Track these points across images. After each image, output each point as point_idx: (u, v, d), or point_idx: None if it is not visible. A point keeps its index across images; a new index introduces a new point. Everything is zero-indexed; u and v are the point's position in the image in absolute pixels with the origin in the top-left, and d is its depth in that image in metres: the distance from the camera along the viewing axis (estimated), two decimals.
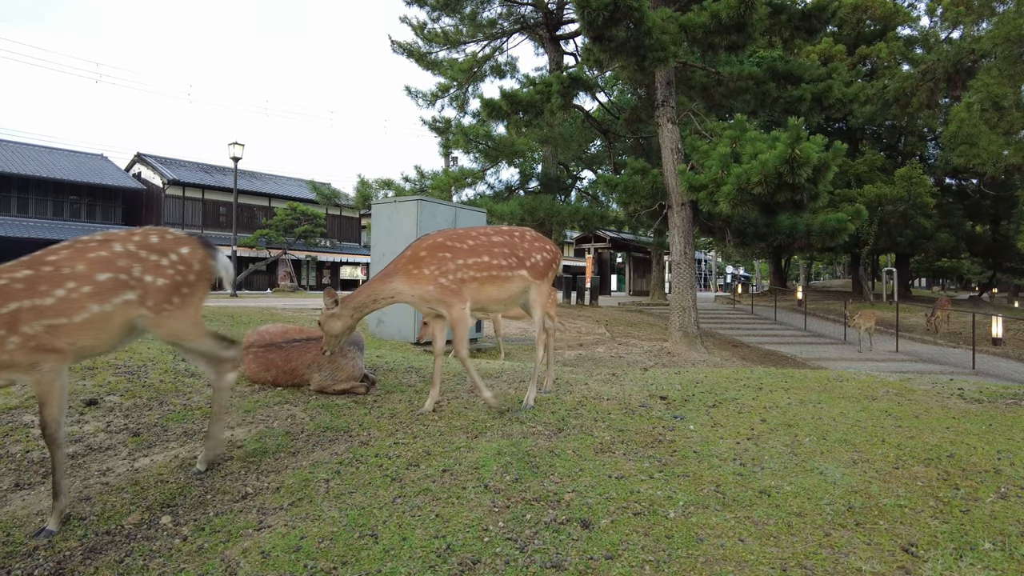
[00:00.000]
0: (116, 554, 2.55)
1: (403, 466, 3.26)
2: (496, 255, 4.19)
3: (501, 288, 4.21)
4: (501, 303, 4.33)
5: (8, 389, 4.13)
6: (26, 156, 36.67)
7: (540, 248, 4.44)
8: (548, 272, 4.45)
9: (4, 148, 36.91)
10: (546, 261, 4.44)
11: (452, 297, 4.01)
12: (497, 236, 4.31)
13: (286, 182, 45.46)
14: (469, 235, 4.23)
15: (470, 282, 4.07)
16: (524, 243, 4.38)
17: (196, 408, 4.12)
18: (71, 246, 2.94)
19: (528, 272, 4.31)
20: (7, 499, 2.98)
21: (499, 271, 4.17)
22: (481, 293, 4.14)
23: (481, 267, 4.10)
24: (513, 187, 21.01)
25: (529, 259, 4.33)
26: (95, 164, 39.04)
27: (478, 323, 10.17)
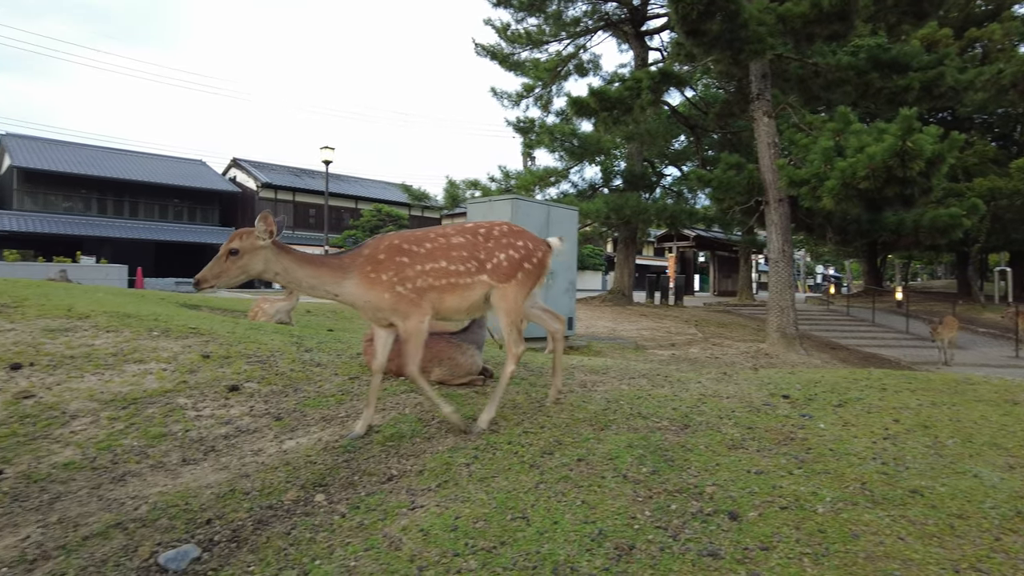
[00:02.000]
0: (282, 526, 2.72)
1: (537, 454, 3.31)
2: (454, 259, 3.64)
3: (462, 297, 3.68)
4: (463, 312, 3.81)
5: (161, 373, 4.47)
6: (136, 163, 39.45)
7: (508, 245, 3.78)
8: (516, 273, 3.74)
9: (117, 156, 39.84)
10: (513, 261, 3.74)
11: (410, 307, 3.54)
12: (459, 236, 3.75)
13: (370, 184, 46.97)
14: (427, 237, 3.71)
15: (429, 291, 3.58)
16: (489, 242, 3.77)
17: (329, 395, 4.32)
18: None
19: (489, 276, 3.70)
20: (178, 472, 3.23)
21: (458, 278, 3.64)
22: (441, 303, 3.65)
23: (439, 274, 3.60)
24: (596, 185, 20.89)
25: (491, 260, 3.72)
26: (195, 169, 41.60)
27: (570, 320, 10.18)
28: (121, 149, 41.46)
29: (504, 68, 22.07)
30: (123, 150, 41.51)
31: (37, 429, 3.62)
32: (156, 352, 4.88)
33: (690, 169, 20.84)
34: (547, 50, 21.97)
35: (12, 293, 6.18)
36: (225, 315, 7.83)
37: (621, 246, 20.72)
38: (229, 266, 3.37)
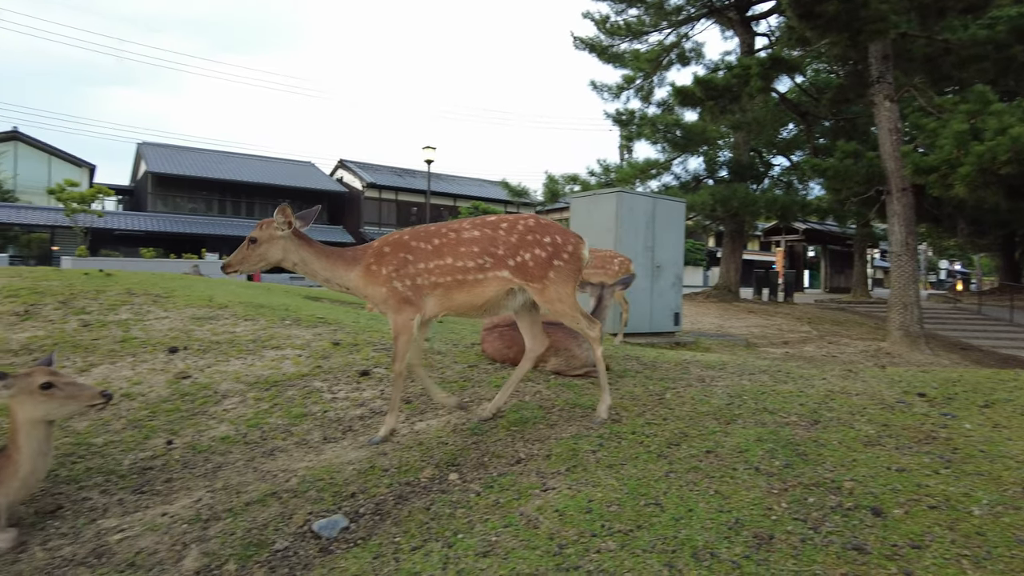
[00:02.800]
0: (422, 502, 2.87)
1: (664, 444, 3.30)
2: (463, 255, 3.52)
3: (473, 293, 3.54)
4: (479, 309, 3.64)
5: (296, 359, 4.79)
6: (252, 166, 42.15)
7: (534, 243, 3.55)
8: (547, 272, 3.53)
9: (235, 160, 42.72)
10: (540, 260, 3.53)
11: (402, 304, 3.51)
12: (473, 231, 3.59)
13: (468, 182, 47.88)
14: (439, 232, 3.62)
15: (431, 288, 3.52)
16: (512, 236, 3.56)
17: (451, 381, 4.49)
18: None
19: (512, 273, 3.51)
20: (321, 449, 3.47)
21: (465, 274, 3.51)
22: (449, 300, 3.56)
23: (444, 271, 3.51)
24: (701, 177, 20.32)
25: (514, 256, 3.52)
26: (305, 171, 43.94)
27: (676, 316, 10.00)
28: (238, 153, 44.50)
29: (602, 60, 21.88)
30: (240, 154, 44.53)
31: (195, 406, 3.99)
32: (290, 339, 5.23)
33: (802, 158, 19.83)
34: (647, 40, 21.59)
35: (162, 285, 6.81)
36: (345, 307, 8.27)
37: (727, 240, 20.07)
38: (250, 253, 3.53)
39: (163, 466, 3.31)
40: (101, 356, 4.60)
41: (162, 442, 3.54)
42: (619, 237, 9.00)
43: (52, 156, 39.37)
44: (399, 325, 3.53)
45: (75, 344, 4.74)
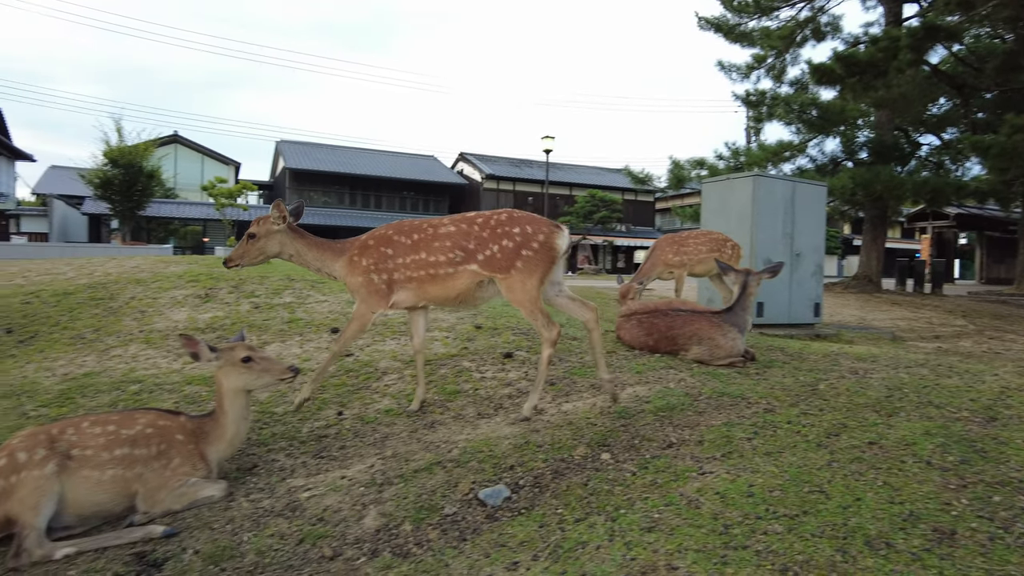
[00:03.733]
0: (578, 478, 2.99)
1: (823, 435, 3.22)
2: (436, 250, 3.69)
3: (445, 287, 3.70)
4: (452, 301, 3.80)
5: (444, 340, 5.08)
6: (378, 161, 44.23)
7: (503, 235, 3.65)
8: (514, 262, 3.60)
9: (363, 155, 44.99)
10: (507, 251, 3.61)
11: (371, 295, 3.72)
12: (449, 226, 3.76)
13: (584, 171, 47.66)
14: (419, 228, 3.80)
15: (406, 283, 3.72)
16: (484, 231, 3.69)
17: (591, 367, 4.58)
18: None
19: (480, 266, 3.64)
20: (476, 424, 3.69)
21: (437, 268, 3.68)
22: (424, 293, 3.75)
23: (419, 265, 3.70)
24: (839, 159, 19.02)
25: (484, 250, 3.64)
26: (427, 164, 45.56)
27: (816, 306, 9.50)
28: (367, 148, 46.89)
29: (729, 40, 20.97)
30: (369, 149, 46.91)
31: (360, 381, 4.34)
32: (436, 322, 5.53)
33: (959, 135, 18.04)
34: (777, 17, 20.43)
35: None
36: None
37: (867, 227, 18.68)
38: (249, 248, 3.81)
39: (336, 434, 3.65)
40: (273, 335, 5.10)
41: (333, 413, 3.90)
42: (755, 223, 8.67)
43: (205, 156, 43.40)
44: (359, 313, 3.76)
45: (250, 324, 5.28)
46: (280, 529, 2.78)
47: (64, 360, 4.61)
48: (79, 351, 4.78)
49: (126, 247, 25.61)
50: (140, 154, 31.47)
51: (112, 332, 5.13)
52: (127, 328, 5.20)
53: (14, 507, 2.62)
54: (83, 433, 2.84)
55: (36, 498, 2.63)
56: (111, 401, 3.98)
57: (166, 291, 6.09)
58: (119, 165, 30.81)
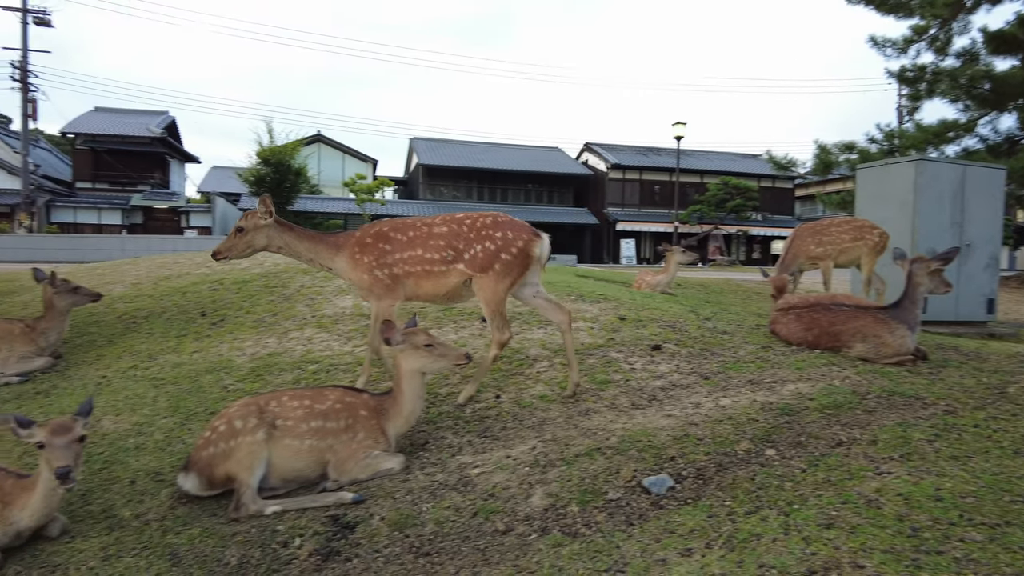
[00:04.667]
0: (744, 472, 2.97)
1: (1019, 441, 2.98)
2: (431, 248, 3.88)
3: (437, 283, 3.92)
4: (442, 298, 4.07)
5: (590, 331, 5.16)
6: (504, 154, 44.95)
7: (486, 237, 3.86)
8: (493, 264, 3.81)
9: (490, 149, 45.89)
10: (488, 252, 3.82)
11: (382, 290, 3.90)
12: (442, 226, 3.95)
13: (716, 157, 45.85)
14: (413, 225, 3.99)
15: (405, 277, 3.90)
16: (471, 232, 3.89)
17: (747, 361, 4.48)
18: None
19: (465, 265, 3.86)
20: (631, 414, 3.74)
21: (432, 265, 3.88)
22: (419, 288, 3.96)
23: (416, 261, 3.88)
24: (1016, 137, 16.97)
25: (469, 251, 3.86)
26: (551, 156, 45.74)
27: (990, 302, 8.62)
28: (494, 142, 47.85)
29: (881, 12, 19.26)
30: (495, 143, 47.85)
31: (513, 367, 4.52)
32: (580, 313, 5.63)
33: None
34: None
35: None
36: (617, 285, 8.60)
37: None
38: (237, 241, 3.91)
39: (497, 416, 3.84)
40: (429, 322, 5.41)
41: (492, 396, 4.09)
42: (917, 211, 7.99)
43: (345, 154, 46.18)
44: (379, 311, 3.91)
45: (408, 311, 5.63)
46: (455, 502, 3.00)
47: (251, 341, 5.17)
48: (262, 333, 5.33)
49: None
50: (288, 153, 34.13)
51: (288, 317, 5.67)
52: (300, 313, 5.73)
53: (232, 467, 3.01)
54: (284, 406, 3.20)
55: (250, 460, 3.01)
56: (294, 379, 4.42)
57: (330, 280, 6.62)
58: (270, 164, 33.59)
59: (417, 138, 46.03)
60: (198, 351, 5.03)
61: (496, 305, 3.90)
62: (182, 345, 5.24)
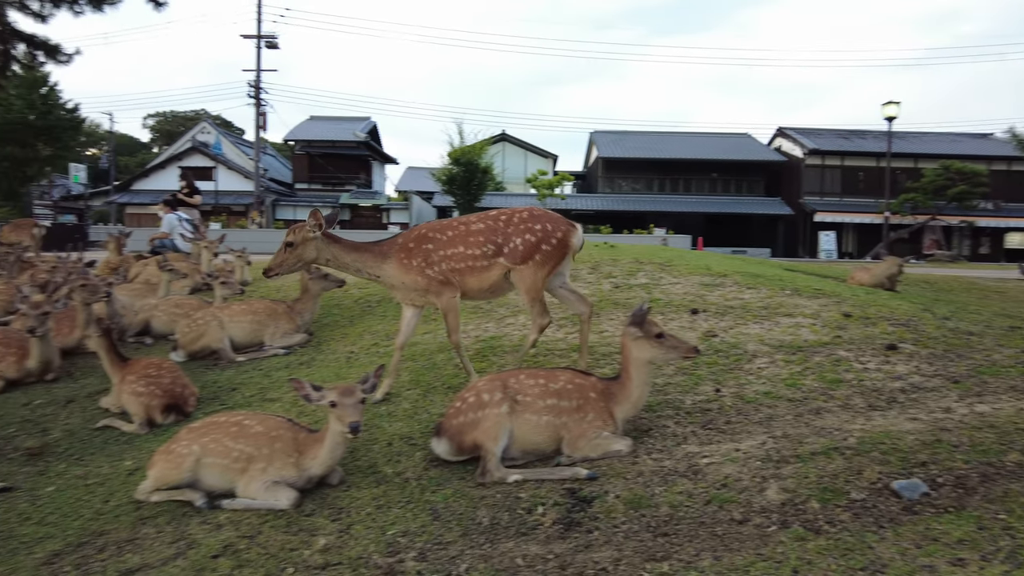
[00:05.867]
0: (1017, 486, 2.71)
1: None
2: (471, 244, 4.07)
3: (481, 278, 4.10)
4: (486, 292, 4.26)
5: (812, 327, 4.92)
6: (687, 143, 43.49)
7: (526, 230, 4.05)
8: (533, 255, 4.01)
9: (672, 139, 44.71)
10: (529, 244, 4.02)
11: (442, 287, 4.09)
12: (479, 223, 4.14)
13: (934, 139, 40.69)
14: (451, 226, 4.17)
15: (452, 274, 4.08)
16: (509, 227, 4.08)
17: (1007, 366, 4.04)
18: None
19: (505, 259, 4.04)
20: (868, 416, 3.55)
21: (474, 261, 4.06)
22: (464, 284, 4.12)
23: (459, 258, 4.06)
24: None
25: (508, 244, 4.04)
26: (740, 143, 43.37)
27: None
28: (676, 132, 46.60)
29: None
30: (677, 132, 46.56)
31: (730, 362, 4.46)
32: (798, 308, 5.38)
33: None
34: None
35: (660, 255, 7.72)
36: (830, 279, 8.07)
37: None
38: (288, 256, 4.02)
39: (719, 409, 3.83)
40: None
41: (710, 389, 4.08)
42: None
43: (527, 151, 47.58)
44: (445, 305, 4.14)
45: (614, 302, 5.77)
46: (686, 488, 3.06)
47: (472, 325, 5.60)
48: (481, 319, 5.76)
49: None
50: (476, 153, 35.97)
51: (501, 304, 6.05)
52: (512, 301, 6.08)
53: (479, 436, 3.32)
54: (522, 384, 3.47)
55: (496, 430, 3.31)
56: (516, 359, 4.73)
57: None
58: (460, 163, 35.64)
59: (597, 131, 46.13)
60: (427, 332, 5.56)
61: (536, 293, 4.11)
62: None
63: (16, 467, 3.98)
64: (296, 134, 43.74)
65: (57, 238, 21.83)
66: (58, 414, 4.74)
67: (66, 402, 4.94)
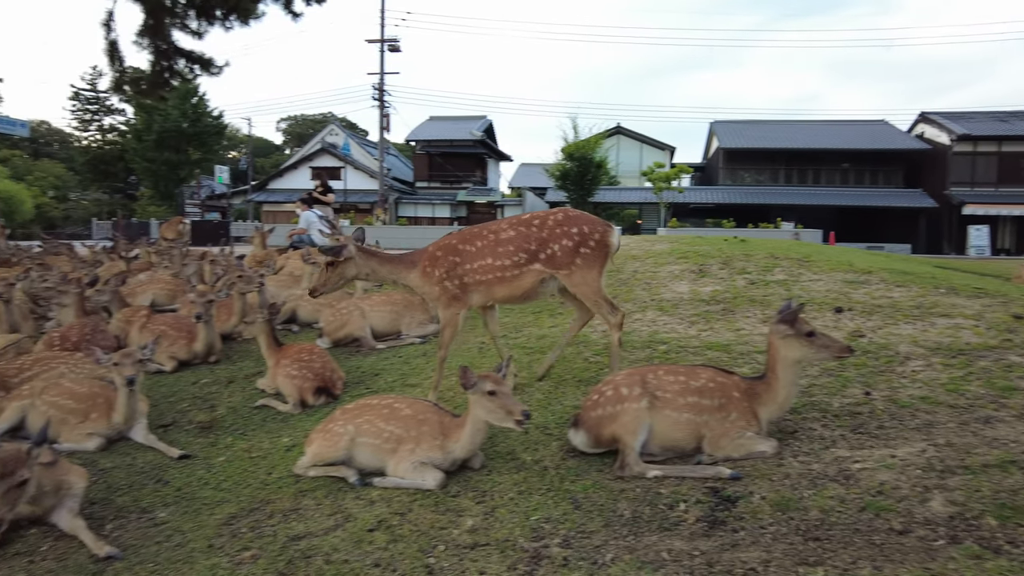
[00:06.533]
0: None
1: None
2: (500, 255, 4.06)
3: (512, 287, 4.09)
4: (519, 299, 4.24)
5: (975, 329, 4.52)
6: (817, 132, 40.95)
7: (563, 234, 4.02)
8: (575, 258, 3.99)
9: (799, 127, 42.32)
10: (567, 249, 4.00)
11: (450, 301, 4.12)
12: (509, 231, 4.11)
13: None
14: (480, 235, 4.16)
15: (476, 286, 4.10)
16: (543, 232, 4.05)
17: None
18: None
19: (543, 265, 4.02)
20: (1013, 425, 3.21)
21: (504, 271, 4.05)
22: (492, 294, 4.14)
23: (487, 270, 4.06)
24: None
25: (544, 250, 4.03)
26: (876, 130, 40.23)
27: None
28: (803, 120, 43.97)
29: None
30: (805, 121, 43.90)
31: (880, 364, 4.19)
32: (956, 308, 4.96)
33: None
34: None
35: (798, 250, 7.35)
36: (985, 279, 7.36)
37: None
38: (331, 275, 4.18)
39: (870, 413, 3.61)
40: (774, 310, 5.26)
41: (859, 392, 3.86)
42: None
43: (643, 144, 46.68)
44: (446, 319, 4.18)
45: (750, 299, 5.57)
46: (838, 493, 2.92)
47: (599, 320, 5.60)
48: None
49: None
50: (591, 147, 35.74)
51: (627, 299, 6.02)
52: (639, 296, 6.04)
53: (618, 429, 3.33)
54: (661, 379, 3.44)
55: (635, 425, 3.31)
56: (647, 356, 4.70)
57: (661, 266, 6.84)
58: (574, 158, 35.56)
59: (718, 121, 44.50)
60: (554, 326, 5.64)
61: (596, 295, 4.08)
62: (539, 320, 5.91)
63: (191, 437, 4.44)
64: (417, 134, 45.45)
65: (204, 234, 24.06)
66: (221, 392, 5.23)
67: (227, 382, 5.45)
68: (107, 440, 4.22)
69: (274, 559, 2.81)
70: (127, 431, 4.27)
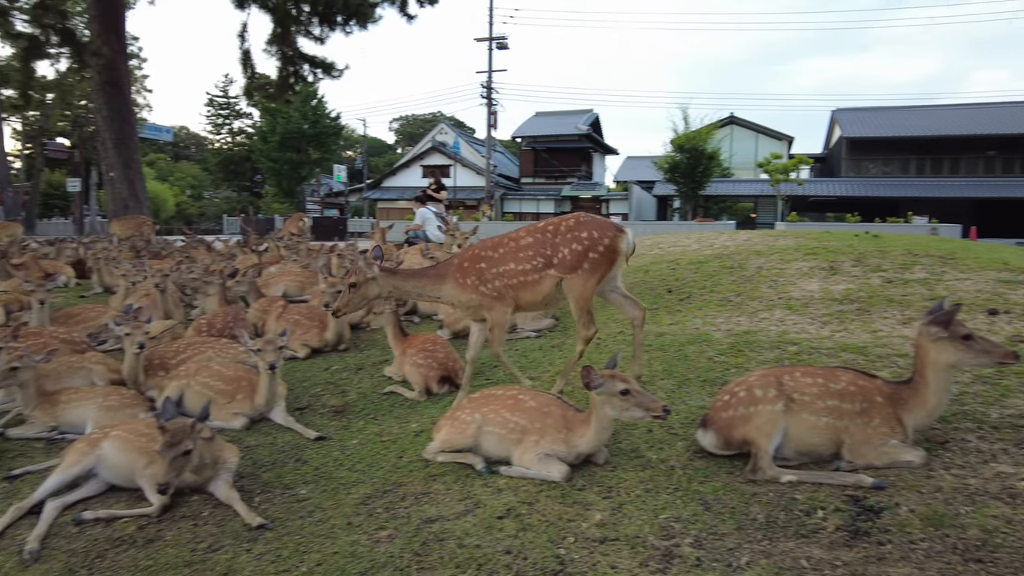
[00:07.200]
0: None
1: None
2: (521, 260, 4.17)
3: (535, 291, 4.18)
4: (540, 304, 4.34)
5: None
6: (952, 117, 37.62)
7: (572, 239, 4.08)
8: (581, 263, 4.05)
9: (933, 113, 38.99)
10: (576, 253, 4.05)
11: (494, 302, 4.20)
12: (527, 238, 4.23)
13: None
14: (501, 243, 4.28)
15: (506, 290, 4.18)
16: (556, 237, 4.14)
17: None
18: None
19: (556, 270, 4.10)
20: None
21: (526, 276, 4.16)
22: (519, 299, 4.23)
23: (512, 274, 4.17)
24: None
25: (557, 255, 4.10)
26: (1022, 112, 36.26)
27: None
28: (936, 105, 40.47)
29: None
30: (938, 105, 40.39)
31: None
32: None
33: None
34: None
35: (940, 247, 6.78)
36: None
37: None
38: (353, 296, 4.22)
39: None
40: (915, 311, 4.90)
41: (1023, 403, 3.52)
42: None
43: (758, 134, 44.67)
44: (494, 319, 4.24)
45: (888, 299, 5.21)
46: (1003, 512, 2.70)
47: (722, 318, 5.44)
48: (731, 312, 5.56)
49: (699, 223, 28.71)
50: (702, 138, 34.62)
51: (753, 297, 5.79)
52: (766, 295, 5.79)
53: (750, 431, 3.23)
54: (798, 381, 3.29)
55: (769, 427, 3.19)
56: (775, 357, 4.51)
57: (788, 263, 6.52)
58: (684, 150, 34.57)
59: (841, 109, 41.85)
60: (674, 323, 5.52)
61: (584, 303, 4.14)
62: (657, 317, 5.82)
63: (326, 420, 4.73)
64: (522, 131, 45.88)
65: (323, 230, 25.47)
66: (352, 379, 5.54)
67: (357, 369, 5.75)
68: (250, 420, 4.56)
69: (409, 540, 2.94)
70: (268, 412, 4.61)
